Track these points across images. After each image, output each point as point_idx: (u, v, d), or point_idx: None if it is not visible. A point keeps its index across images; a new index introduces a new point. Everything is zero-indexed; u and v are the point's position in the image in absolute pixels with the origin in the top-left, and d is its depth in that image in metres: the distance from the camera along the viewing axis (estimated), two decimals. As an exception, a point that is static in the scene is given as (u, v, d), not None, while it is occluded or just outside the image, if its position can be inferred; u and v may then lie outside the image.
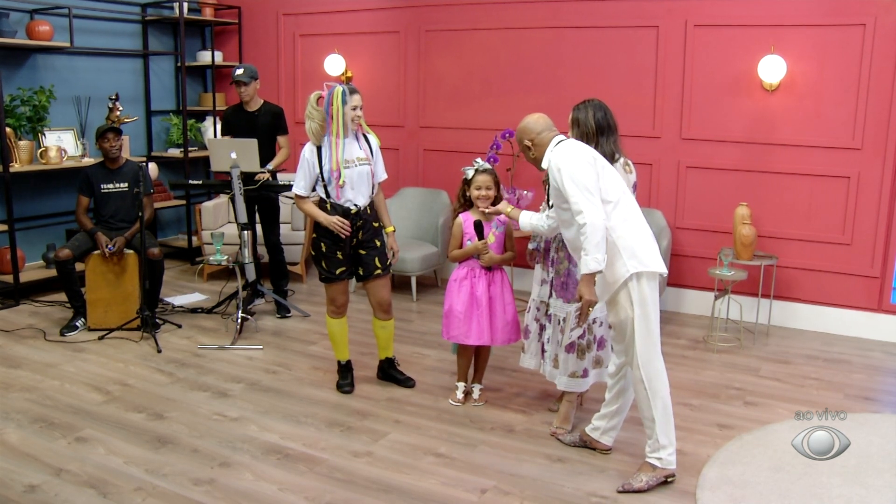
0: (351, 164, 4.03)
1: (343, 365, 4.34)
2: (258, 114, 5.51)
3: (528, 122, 3.42)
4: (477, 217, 3.94)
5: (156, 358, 4.74)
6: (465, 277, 3.99)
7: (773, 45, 5.14)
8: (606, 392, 3.48)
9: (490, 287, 3.97)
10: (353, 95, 3.99)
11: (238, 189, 5.10)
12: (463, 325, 3.95)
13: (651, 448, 3.23)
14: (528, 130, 3.39)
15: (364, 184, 4.08)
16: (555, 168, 3.19)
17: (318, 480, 3.31)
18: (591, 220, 3.03)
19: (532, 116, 3.44)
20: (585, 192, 3.08)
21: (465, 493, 3.22)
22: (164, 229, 7.42)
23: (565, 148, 3.25)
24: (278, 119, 5.55)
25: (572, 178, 3.11)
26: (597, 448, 3.54)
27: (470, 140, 6.25)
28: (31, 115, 5.92)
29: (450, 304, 4.00)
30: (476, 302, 3.95)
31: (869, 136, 5.03)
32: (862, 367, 4.73)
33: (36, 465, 3.40)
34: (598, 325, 3.72)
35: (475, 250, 3.94)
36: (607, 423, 3.50)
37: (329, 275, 4.12)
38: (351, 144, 4.06)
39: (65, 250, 5.08)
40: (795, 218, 5.32)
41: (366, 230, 4.11)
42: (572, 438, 3.64)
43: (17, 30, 5.76)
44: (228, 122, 5.59)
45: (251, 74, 5.41)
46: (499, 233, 3.99)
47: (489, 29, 6.17)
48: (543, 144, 3.35)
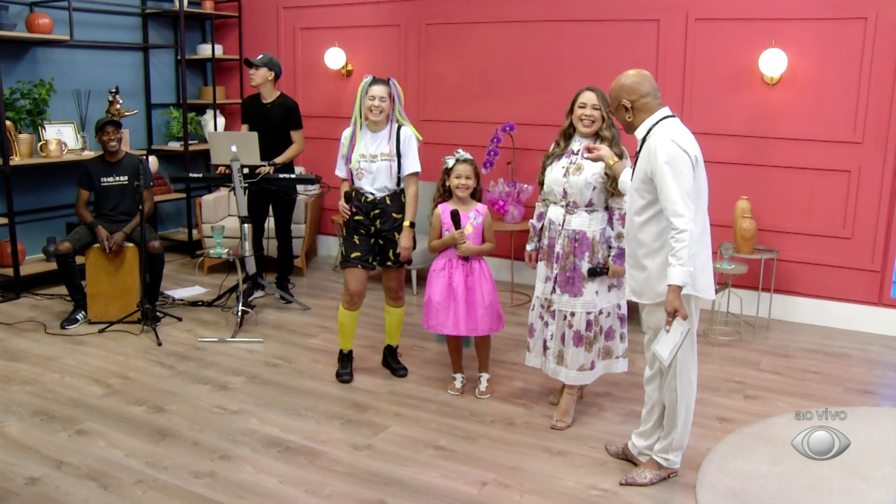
0: (373, 159, 4.09)
1: (344, 354, 4.36)
2: (271, 106, 5.49)
3: (632, 79, 2.94)
4: (454, 207, 3.95)
5: (156, 351, 4.74)
6: (442, 268, 4.01)
7: (774, 38, 5.13)
8: (644, 410, 3.28)
9: (467, 278, 3.97)
10: (373, 86, 4.03)
11: (238, 182, 5.09)
12: (440, 315, 3.97)
13: (662, 448, 3.20)
14: (631, 90, 2.92)
15: (384, 178, 4.13)
16: (659, 150, 2.82)
17: (319, 473, 3.31)
18: (690, 228, 2.74)
19: (637, 74, 2.95)
20: (685, 195, 2.77)
21: (466, 485, 3.23)
22: (165, 223, 7.42)
23: (675, 132, 2.86)
24: (291, 113, 5.51)
25: (679, 174, 2.78)
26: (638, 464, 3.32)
27: (470, 133, 6.24)
28: (31, 109, 5.91)
29: (428, 295, 4.03)
30: (453, 292, 3.96)
31: (870, 130, 5.02)
32: (862, 360, 4.73)
33: (37, 457, 3.41)
34: (604, 316, 3.72)
35: (452, 240, 3.94)
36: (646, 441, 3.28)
37: (345, 258, 4.21)
38: (377, 138, 4.11)
39: (65, 243, 5.08)
40: (796, 212, 5.32)
41: (384, 220, 4.15)
42: (616, 450, 3.44)
43: (17, 23, 5.75)
44: (246, 111, 5.62)
45: (265, 61, 5.40)
46: (477, 223, 3.98)
47: (490, 23, 6.16)
48: (646, 111, 2.93)
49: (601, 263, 3.64)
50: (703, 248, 2.96)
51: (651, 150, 2.86)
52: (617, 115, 3.05)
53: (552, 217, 3.74)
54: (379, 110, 4.02)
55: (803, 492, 3.14)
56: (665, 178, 2.79)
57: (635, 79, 2.95)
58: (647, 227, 2.97)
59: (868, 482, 3.21)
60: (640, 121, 2.95)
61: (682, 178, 2.79)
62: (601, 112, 3.63)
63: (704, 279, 2.97)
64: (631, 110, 2.95)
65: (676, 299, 2.78)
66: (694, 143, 2.91)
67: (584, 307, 3.66)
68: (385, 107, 4.04)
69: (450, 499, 3.13)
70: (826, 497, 3.10)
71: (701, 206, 2.93)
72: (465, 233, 3.92)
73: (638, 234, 3.01)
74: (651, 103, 2.94)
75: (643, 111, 2.94)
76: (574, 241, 3.63)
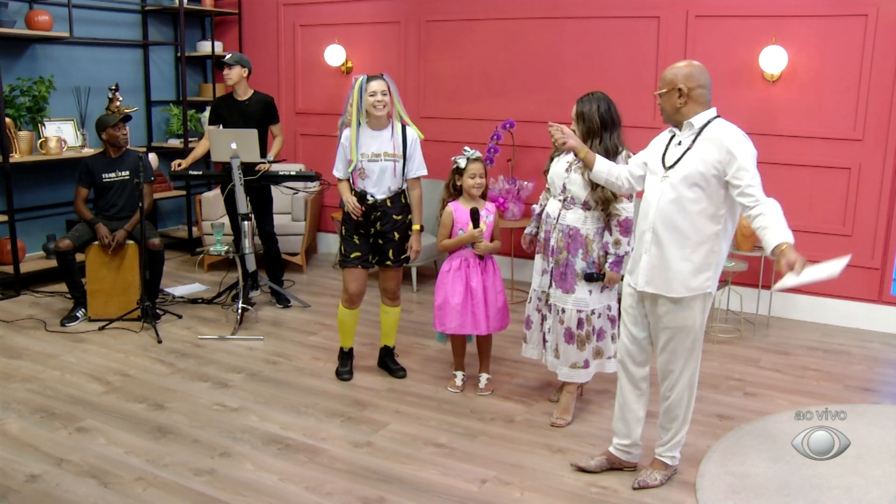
0: (376, 158, 4.03)
1: (345, 352, 4.36)
2: (248, 103, 5.48)
3: (695, 68, 2.97)
4: (471, 206, 3.94)
5: (156, 348, 4.75)
6: (458, 268, 3.99)
7: (775, 35, 5.12)
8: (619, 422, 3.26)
9: (483, 276, 3.98)
10: (371, 82, 3.96)
11: (238, 179, 5.09)
12: (460, 317, 3.96)
13: (668, 447, 3.20)
14: (690, 77, 2.94)
15: (387, 179, 4.07)
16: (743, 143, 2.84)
17: (319, 470, 3.32)
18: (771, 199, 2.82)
19: (698, 65, 3.00)
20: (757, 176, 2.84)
21: (465, 483, 3.23)
22: (165, 220, 7.42)
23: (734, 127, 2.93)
24: (269, 108, 5.53)
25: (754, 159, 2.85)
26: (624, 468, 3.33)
27: (470, 130, 6.24)
28: (30, 106, 5.90)
29: (444, 297, 3.99)
30: (471, 293, 3.95)
31: (870, 127, 5.02)
32: (862, 358, 4.73)
33: (37, 455, 3.41)
34: (596, 317, 3.72)
35: (471, 238, 3.93)
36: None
37: (344, 258, 4.16)
38: (379, 137, 4.04)
39: (65, 241, 5.07)
40: (796, 209, 5.31)
41: (384, 222, 4.10)
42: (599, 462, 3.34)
43: (17, 20, 5.74)
44: (217, 112, 5.54)
45: (237, 59, 5.38)
46: (489, 222, 3.98)
47: (490, 19, 6.15)
48: (699, 102, 2.94)
49: (597, 267, 3.65)
50: (727, 245, 3.02)
51: (723, 142, 2.85)
52: (666, 99, 3.00)
53: (549, 210, 3.76)
54: (382, 104, 3.96)
55: (803, 489, 3.14)
56: (751, 169, 2.83)
57: (696, 68, 2.97)
58: (697, 219, 2.92)
59: (867, 480, 3.21)
60: (692, 111, 2.95)
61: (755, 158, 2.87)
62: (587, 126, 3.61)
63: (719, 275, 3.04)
64: (686, 96, 2.94)
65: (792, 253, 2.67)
66: None
67: (576, 304, 3.67)
68: (387, 101, 3.99)
69: (450, 496, 3.13)
70: (825, 494, 3.11)
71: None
72: (483, 231, 3.93)
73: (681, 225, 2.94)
74: (706, 95, 2.96)
75: (697, 102, 2.94)
76: (568, 237, 3.64)
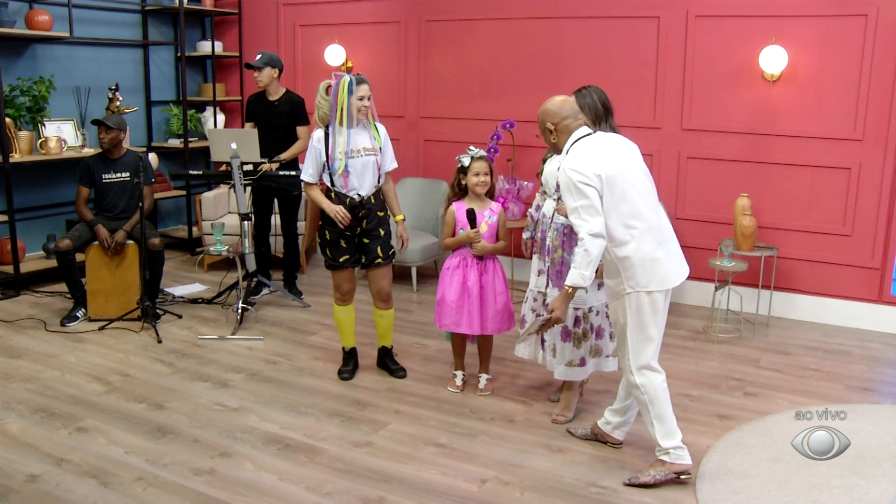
0: (356, 154, 4.03)
1: (347, 351, 4.36)
2: (278, 103, 5.48)
3: (552, 105, 3.22)
4: (470, 205, 3.95)
5: (156, 348, 4.75)
6: (457, 266, 4.01)
7: (775, 35, 5.12)
8: (620, 387, 3.44)
9: (482, 276, 3.98)
10: (360, 86, 3.96)
11: (238, 179, 5.09)
12: (454, 314, 3.98)
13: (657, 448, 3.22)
14: (552, 114, 3.20)
15: (369, 174, 4.08)
16: (566, 166, 3.06)
17: (319, 470, 3.32)
18: (588, 237, 2.96)
19: (557, 99, 3.24)
20: (590, 206, 2.97)
21: (465, 483, 3.23)
22: (165, 220, 7.42)
23: (583, 148, 3.11)
24: (297, 108, 5.51)
25: (575, 187, 2.99)
26: (608, 442, 3.52)
27: (470, 130, 6.24)
28: (30, 106, 5.90)
29: (442, 293, 4.03)
30: (467, 291, 3.97)
31: (870, 127, 5.02)
32: (862, 358, 4.73)
33: (37, 454, 3.41)
34: (594, 315, 3.72)
35: (467, 239, 3.95)
36: (620, 418, 3.46)
37: (333, 262, 4.14)
38: (358, 134, 4.05)
39: (65, 241, 5.07)
40: (796, 209, 5.32)
41: (370, 219, 4.10)
42: (584, 432, 3.61)
43: (17, 20, 5.74)
44: (251, 109, 5.60)
45: (266, 60, 5.39)
46: (492, 222, 3.99)
47: (490, 19, 6.15)
48: (567, 132, 3.18)
49: None
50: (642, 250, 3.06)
51: (563, 165, 3.10)
52: (544, 138, 3.30)
53: (545, 210, 3.78)
54: (367, 109, 4.01)
55: (803, 489, 3.14)
56: (565, 189, 3.07)
57: (554, 103, 3.23)
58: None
59: (867, 479, 3.21)
60: (562, 141, 3.22)
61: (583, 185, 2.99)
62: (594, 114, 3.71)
63: (646, 275, 3.07)
64: (555, 132, 3.21)
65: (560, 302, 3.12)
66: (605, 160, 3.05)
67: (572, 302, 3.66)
68: (371, 104, 4.04)
69: (450, 496, 3.13)
70: (825, 494, 3.11)
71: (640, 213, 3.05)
72: (481, 231, 3.93)
73: None
74: (572, 125, 3.20)
75: (565, 133, 3.20)
76: (563, 235, 3.64)
